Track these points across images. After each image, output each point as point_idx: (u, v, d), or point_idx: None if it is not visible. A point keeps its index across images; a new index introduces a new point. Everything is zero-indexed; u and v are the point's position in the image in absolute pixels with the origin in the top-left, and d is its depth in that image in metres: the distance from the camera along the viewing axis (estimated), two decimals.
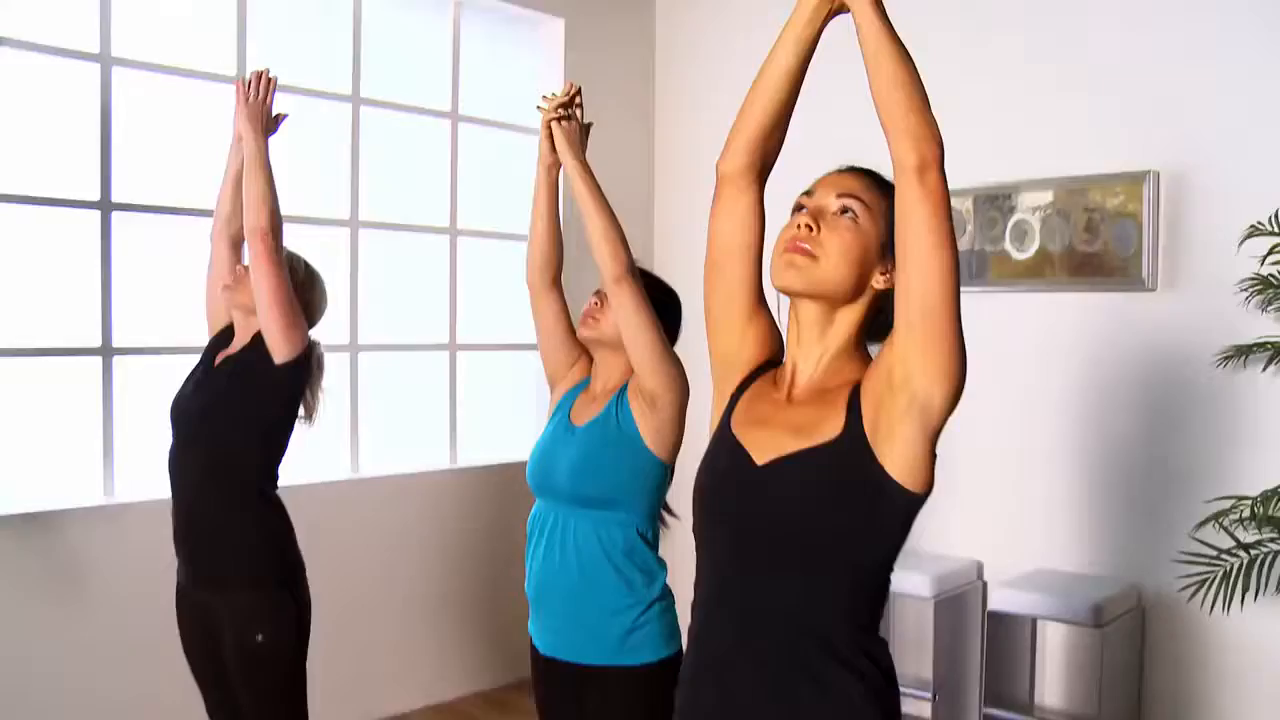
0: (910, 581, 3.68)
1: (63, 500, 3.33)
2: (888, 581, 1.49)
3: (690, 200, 4.83)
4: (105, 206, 3.44)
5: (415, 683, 4.15)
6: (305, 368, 2.63)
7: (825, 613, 1.42)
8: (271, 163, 2.61)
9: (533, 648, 2.40)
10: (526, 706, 3.60)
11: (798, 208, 1.52)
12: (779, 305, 1.57)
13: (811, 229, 1.45)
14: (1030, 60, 3.75)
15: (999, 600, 3.51)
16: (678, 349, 2.34)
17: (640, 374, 2.24)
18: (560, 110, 2.35)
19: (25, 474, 3.36)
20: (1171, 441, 3.47)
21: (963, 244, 3.90)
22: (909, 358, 1.35)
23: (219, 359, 2.68)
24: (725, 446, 1.53)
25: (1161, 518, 3.47)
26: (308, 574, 2.66)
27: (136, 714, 3.31)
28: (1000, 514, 3.86)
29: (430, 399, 4.42)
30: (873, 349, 1.54)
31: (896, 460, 1.38)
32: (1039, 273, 3.73)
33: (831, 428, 1.42)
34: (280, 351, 2.55)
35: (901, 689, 3.70)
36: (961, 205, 3.90)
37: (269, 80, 2.69)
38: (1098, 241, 3.60)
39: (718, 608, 1.51)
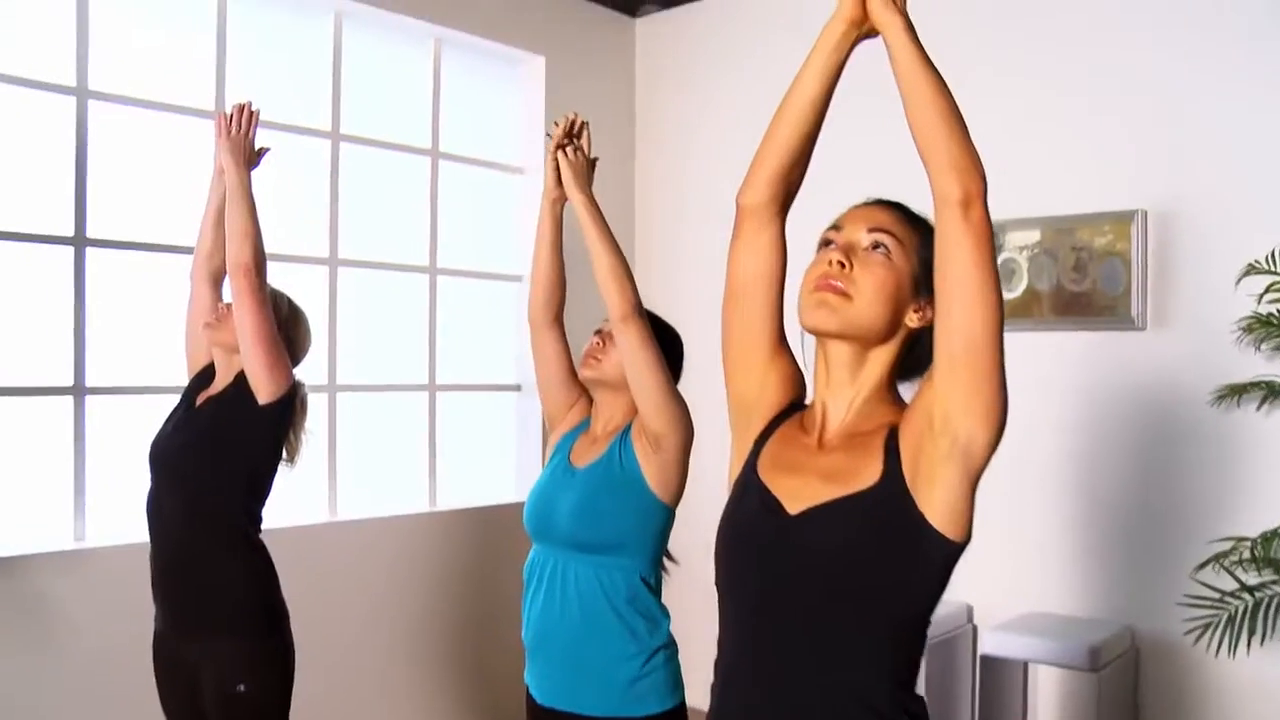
0: None
1: (31, 545, 3.20)
2: (925, 636, 1.42)
3: (672, 238, 4.80)
4: (79, 242, 3.34)
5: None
6: (289, 408, 2.55)
7: (865, 670, 1.35)
8: (254, 198, 2.54)
9: (529, 697, 2.32)
10: None
11: (825, 243, 1.46)
12: (802, 344, 1.52)
13: (844, 266, 1.40)
14: (1017, 98, 3.76)
15: (991, 644, 3.46)
16: (679, 388, 2.29)
17: (645, 414, 2.19)
18: (565, 142, 2.31)
19: None
20: (1166, 482, 3.45)
21: None
22: (950, 398, 1.29)
23: (200, 399, 2.60)
24: (754, 494, 1.46)
25: (1156, 559, 3.45)
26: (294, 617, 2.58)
27: None
28: (991, 556, 3.80)
29: (409, 440, 4.33)
30: (903, 388, 1.49)
31: (937, 507, 1.32)
32: (1027, 312, 3.72)
33: (869, 474, 1.36)
34: (264, 391, 2.47)
35: None
36: None
37: (251, 113, 2.63)
38: (1086, 280, 3.60)
39: (746, 662, 1.43)
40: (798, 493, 1.40)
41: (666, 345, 2.29)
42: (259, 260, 2.47)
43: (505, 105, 4.68)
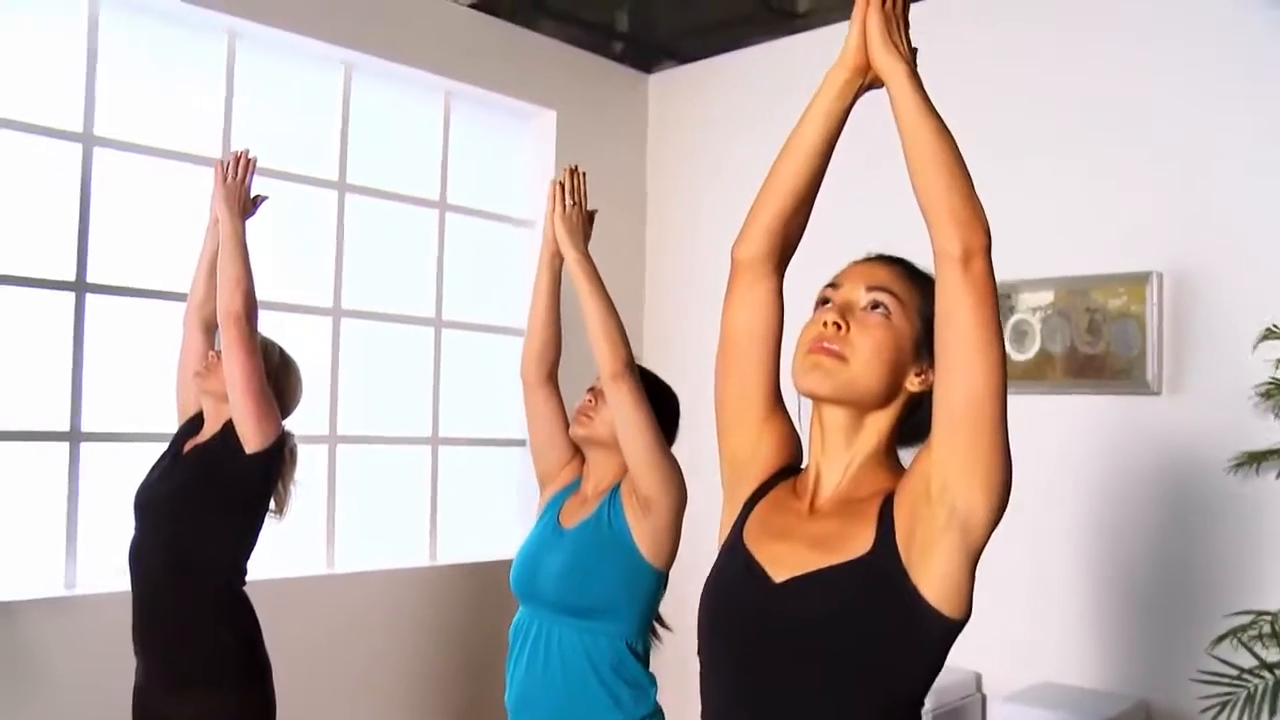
0: None
1: (21, 591, 3.15)
2: (920, 713, 1.35)
3: (683, 295, 4.76)
4: (80, 287, 3.32)
5: None
6: (277, 459, 2.50)
7: None
8: (249, 246, 2.51)
9: None
10: None
11: (822, 301, 1.40)
12: (799, 407, 1.46)
13: (840, 327, 1.34)
14: (1030, 157, 3.72)
15: (999, 715, 3.35)
16: (675, 450, 2.23)
17: (635, 475, 2.13)
18: (561, 195, 2.28)
19: None
20: (1183, 551, 3.35)
21: None
22: (949, 464, 1.22)
23: (188, 447, 2.55)
24: (738, 560, 1.39)
25: (1172, 631, 3.33)
26: (278, 672, 2.50)
27: None
28: (1001, 624, 3.70)
29: (410, 493, 4.26)
30: (904, 455, 1.42)
31: (933, 581, 1.24)
32: (1040, 374, 3.65)
33: (860, 543, 1.28)
34: (252, 441, 2.42)
35: None
36: None
37: (248, 161, 2.61)
38: (1100, 343, 3.53)
39: None
40: (784, 560, 1.33)
41: (661, 405, 2.24)
42: (250, 309, 2.44)
43: (515, 159, 4.67)
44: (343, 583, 3.87)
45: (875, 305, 1.36)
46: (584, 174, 2.32)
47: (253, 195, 2.64)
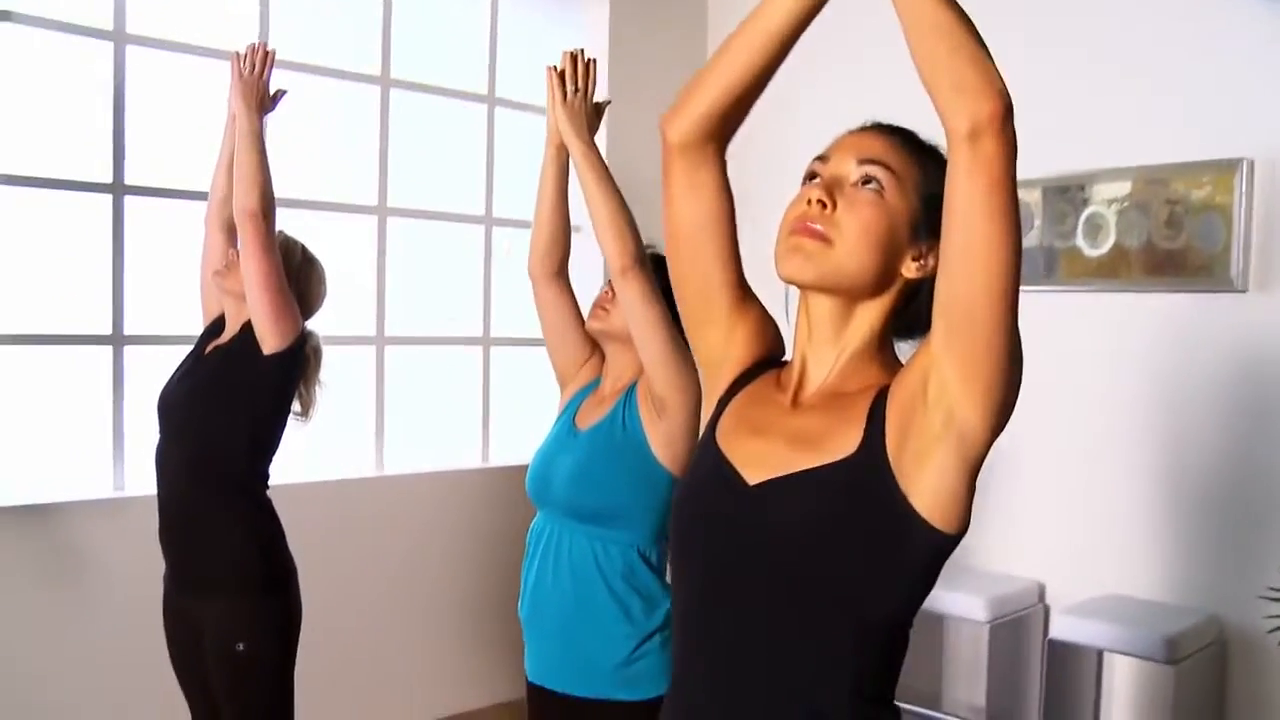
0: (963, 603, 3.39)
1: (70, 493, 3.20)
2: (905, 639, 1.22)
3: (738, 190, 4.56)
4: (117, 190, 3.29)
5: (439, 691, 3.96)
6: (296, 360, 2.45)
7: (821, 677, 1.16)
8: (266, 143, 2.43)
9: (527, 672, 2.21)
10: None
11: (810, 176, 1.25)
12: (787, 294, 1.31)
13: (825, 205, 1.18)
14: (1106, 36, 3.42)
15: (1062, 628, 3.21)
16: None
17: (649, 375, 2.02)
18: (560, 83, 2.14)
19: (33, 465, 3.24)
20: (1261, 458, 3.13)
21: (1030, 239, 3.58)
22: (946, 368, 1.09)
23: (209, 349, 2.53)
24: (709, 461, 1.27)
25: (1248, 543, 3.14)
26: (323, 574, 2.49)
27: (137, 710, 3.17)
28: (1067, 532, 3.55)
29: (461, 395, 4.23)
30: (902, 350, 1.28)
31: (925, 492, 1.12)
32: (1114, 271, 3.41)
33: (846, 443, 1.16)
34: (269, 341, 2.37)
35: (953, 717, 3.41)
36: (1029, 197, 3.58)
37: (266, 54, 2.51)
38: (1180, 237, 3.27)
39: (692, 655, 1.25)
40: (761, 460, 1.21)
41: None
42: (267, 206, 2.37)
43: (567, 48, 4.48)
44: (392, 485, 3.87)
45: (866, 180, 1.20)
46: (591, 60, 2.17)
47: (272, 90, 2.54)
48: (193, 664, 2.44)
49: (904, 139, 1.25)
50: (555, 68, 2.14)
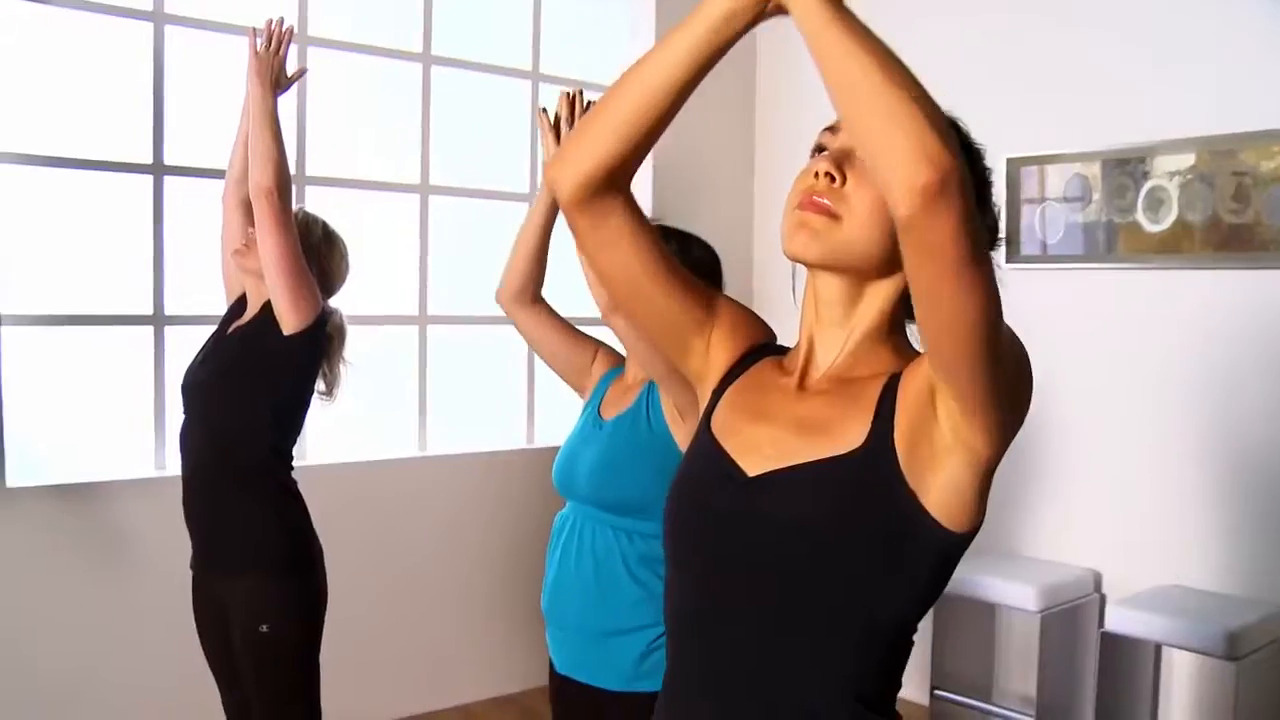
0: (1015, 592, 3.28)
1: (113, 471, 3.25)
2: (910, 643, 1.15)
3: (793, 172, 4.46)
4: (158, 170, 3.31)
5: (479, 672, 3.95)
6: (317, 339, 2.42)
7: (820, 681, 1.10)
8: (280, 121, 2.39)
9: (550, 662, 2.17)
10: None
11: (818, 149, 1.16)
12: (794, 273, 1.23)
13: (833, 179, 1.10)
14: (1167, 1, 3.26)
15: (1117, 620, 3.08)
16: None
17: (661, 391, 1.97)
18: (554, 126, 2.06)
19: (76, 444, 3.28)
20: None
21: (1088, 215, 3.44)
22: (946, 397, 1.02)
23: (231, 329, 2.51)
24: (703, 453, 1.20)
25: None
26: (364, 553, 2.45)
27: (177, 686, 3.20)
28: (1124, 519, 3.40)
29: (506, 375, 4.20)
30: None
31: (934, 491, 1.05)
32: (1176, 247, 3.25)
33: (853, 435, 1.09)
34: (289, 321, 2.35)
35: (1003, 708, 3.30)
36: (1088, 171, 3.44)
37: (285, 30, 2.47)
38: (1248, 211, 3.10)
39: (686, 655, 1.19)
40: (761, 448, 1.14)
41: (705, 271, 2.05)
42: (282, 183, 2.33)
43: (613, 25, 4.41)
44: (435, 465, 3.85)
45: None
46: (590, 104, 2.06)
47: (290, 70, 2.51)
48: (219, 644, 2.44)
49: None
50: (546, 111, 2.06)
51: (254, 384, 2.39)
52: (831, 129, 1.16)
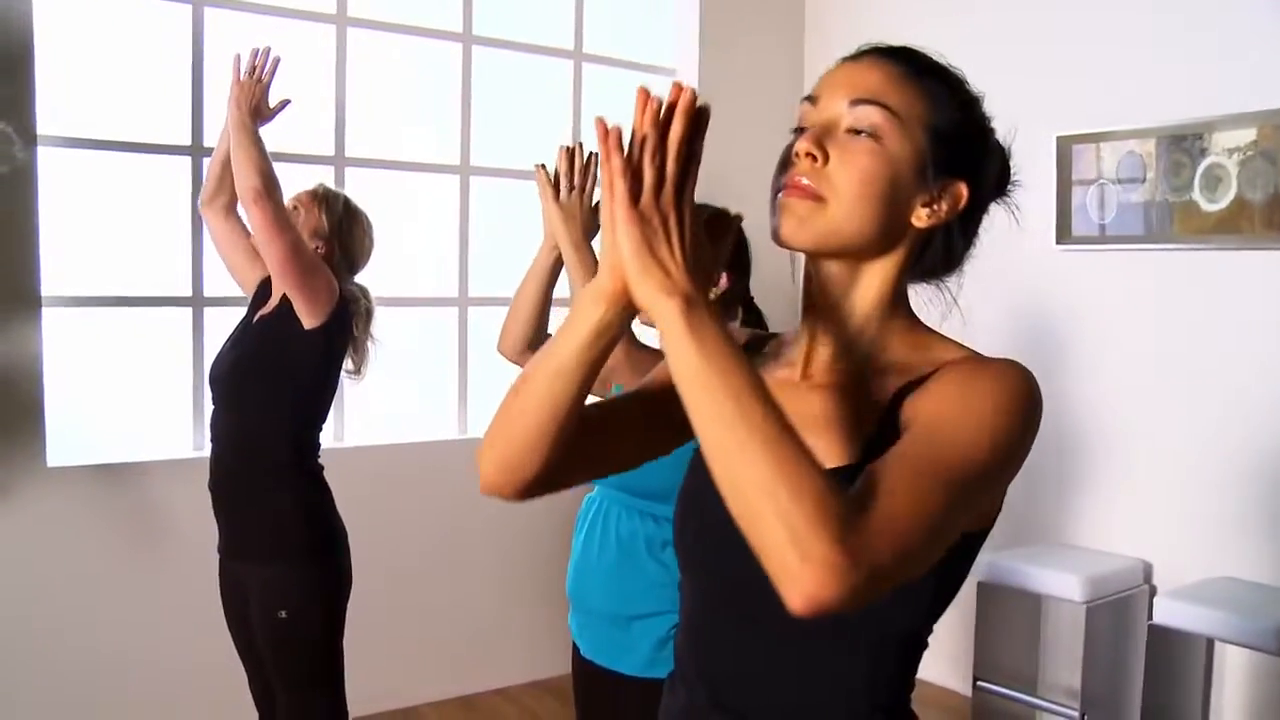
0: (1059, 582, 3.19)
1: (152, 452, 3.28)
2: (924, 644, 1.10)
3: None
4: (196, 151, 3.32)
5: (517, 655, 3.94)
6: (341, 328, 2.41)
7: (833, 690, 1.05)
8: (262, 140, 2.33)
9: (574, 646, 2.15)
10: None
11: (799, 129, 1.08)
12: (794, 259, 1.17)
13: (816, 158, 1.02)
14: None
15: (1166, 612, 2.98)
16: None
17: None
18: (553, 181, 1.98)
19: (115, 425, 3.32)
20: None
21: (1143, 193, 3.32)
22: None
23: (256, 317, 2.50)
24: (701, 460, 1.13)
25: None
26: (404, 535, 2.43)
27: (212, 668, 3.21)
28: (1175, 508, 3.29)
29: None
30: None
31: None
32: (1235, 227, 3.12)
33: (855, 442, 1.03)
34: (308, 317, 2.34)
35: (1047, 700, 3.21)
36: (1142, 148, 3.31)
37: (271, 61, 2.39)
38: None
39: (695, 656, 1.15)
40: None
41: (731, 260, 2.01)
42: (268, 185, 2.26)
43: (657, 2, 4.35)
44: (476, 448, 3.82)
45: (859, 129, 1.03)
46: (591, 155, 1.98)
47: (271, 101, 2.41)
48: (243, 629, 2.46)
49: (904, 63, 1.06)
50: (544, 166, 2.00)
51: (277, 375, 2.39)
52: (811, 99, 1.08)
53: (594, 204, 2.00)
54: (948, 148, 1.03)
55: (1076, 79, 3.45)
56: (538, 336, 2.16)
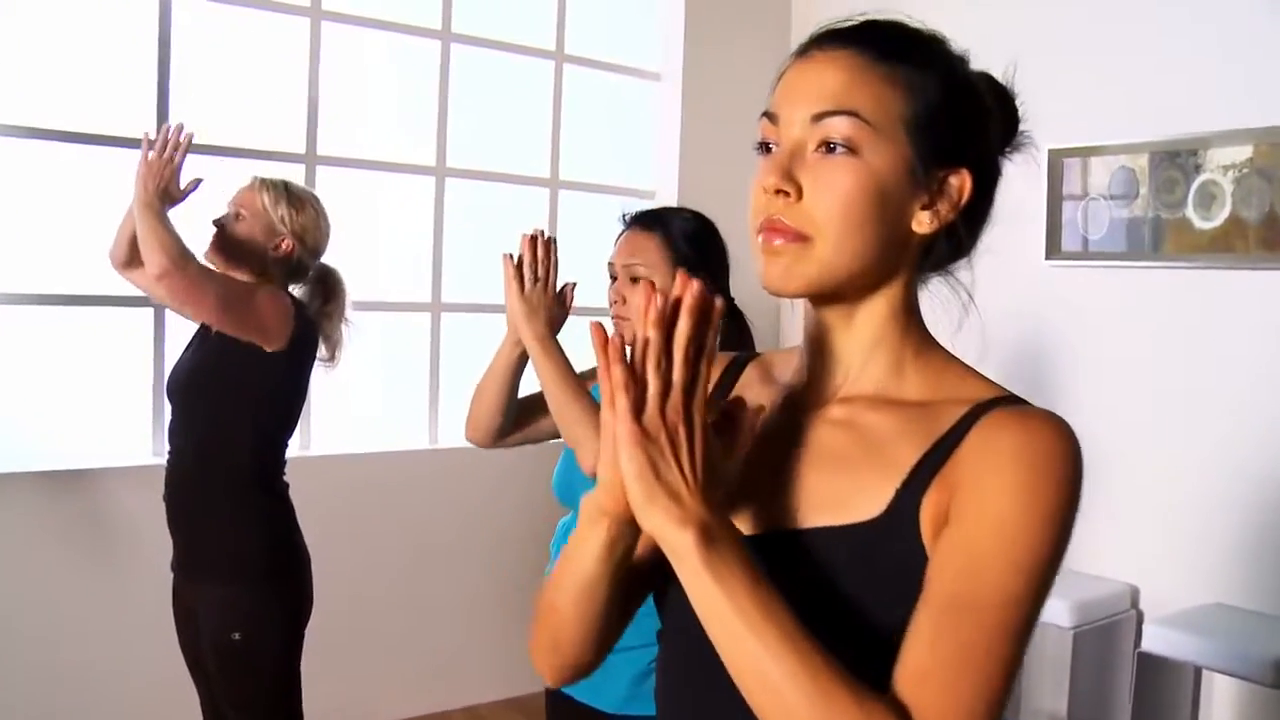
0: (1047, 606, 3.08)
1: (108, 458, 3.14)
2: None
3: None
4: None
5: (488, 673, 3.81)
6: (304, 343, 2.31)
7: None
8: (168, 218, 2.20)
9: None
10: None
11: (763, 144, 0.94)
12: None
13: (788, 193, 0.89)
14: None
15: (1155, 639, 2.90)
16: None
17: None
18: (517, 273, 1.88)
19: (72, 429, 3.19)
20: None
21: (1136, 209, 3.25)
22: None
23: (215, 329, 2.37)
24: None
25: None
26: (373, 546, 2.32)
27: (164, 685, 3.07)
28: (1164, 532, 3.22)
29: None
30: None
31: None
32: (1228, 245, 3.05)
33: (871, 496, 0.89)
34: (267, 346, 2.23)
35: None
36: (1135, 163, 3.25)
37: (184, 139, 2.25)
38: None
39: (676, 701, 1.02)
40: (759, 494, 0.94)
41: (734, 342, 1.94)
42: (178, 261, 2.11)
43: (639, 2, 4.26)
44: (445, 459, 3.72)
45: (830, 145, 0.89)
46: (550, 240, 1.90)
47: (182, 182, 2.27)
48: (193, 649, 2.34)
49: (865, 49, 0.91)
50: (512, 256, 1.88)
51: (237, 394, 2.27)
52: (769, 115, 0.94)
53: (558, 292, 1.91)
54: (936, 137, 0.89)
55: (1069, 92, 3.37)
56: (508, 423, 2.04)
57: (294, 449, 2.48)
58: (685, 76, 4.10)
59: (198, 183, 2.30)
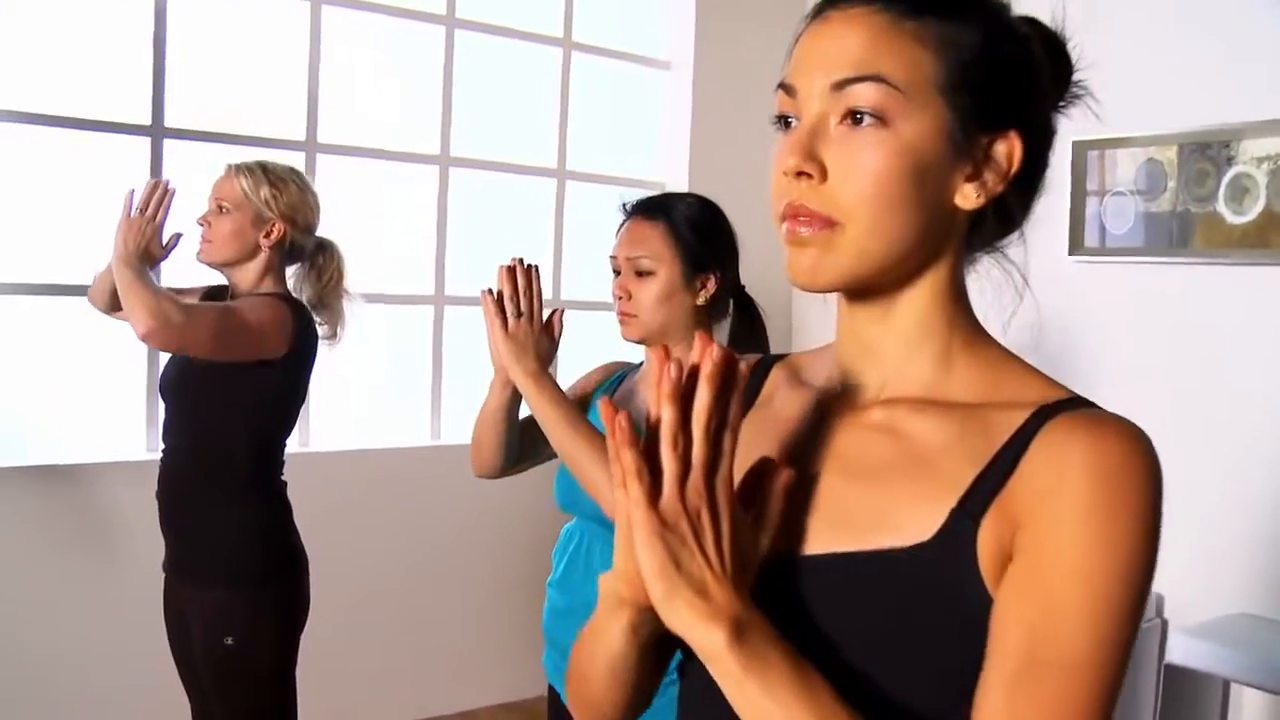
0: None
1: (103, 454, 3.06)
2: None
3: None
4: (157, 132, 3.11)
5: (486, 677, 3.73)
6: (305, 343, 2.21)
7: None
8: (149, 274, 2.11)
9: (550, 690, 1.96)
10: None
11: (781, 118, 0.83)
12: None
13: (810, 175, 0.78)
14: None
15: (1181, 650, 2.80)
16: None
17: None
18: (499, 308, 1.74)
19: (62, 424, 3.11)
20: None
21: (1163, 203, 3.14)
22: None
23: None
24: None
25: None
26: (376, 541, 2.25)
27: (158, 685, 2.99)
28: (1191, 539, 3.09)
29: None
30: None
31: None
32: (1263, 241, 2.94)
33: (922, 517, 0.77)
34: (269, 355, 2.14)
35: None
36: (1163, 156, 3.13)
37: (168, 194, 2.16)
38: None
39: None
40: (790, 512, 0.81)
41: (745, 334, 1.90)
42: (163, 319, 2.01)
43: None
44: (447, 456, 3.62)
45: (855, 116, 0.78)
46: (533, 268, 1.77)
47: (164, 238, 2.19)
48: (186, 652, 2.25)
49: (889, 5, 0.79)
50: (492, 291, 1.75)
51: (231, 397, 2.18)
52: (786, 87, 0.82)
53: (545, 322, 1.77)
54: (976, 99, 0.78)
55: (1094, 80, 3.26)
56: (513, 454, 1.93)
57: (292, 445, 2.39)
58: (696, 65, 4.00)
59: (178, 238, 2.22)
